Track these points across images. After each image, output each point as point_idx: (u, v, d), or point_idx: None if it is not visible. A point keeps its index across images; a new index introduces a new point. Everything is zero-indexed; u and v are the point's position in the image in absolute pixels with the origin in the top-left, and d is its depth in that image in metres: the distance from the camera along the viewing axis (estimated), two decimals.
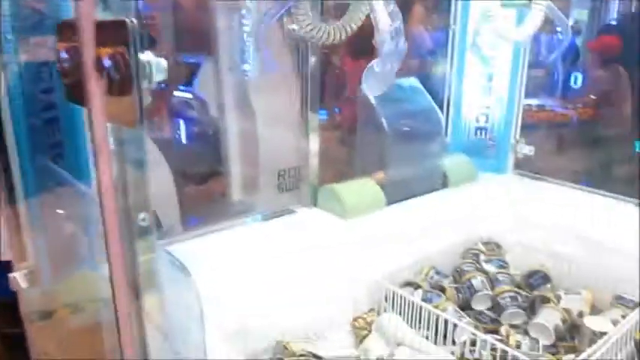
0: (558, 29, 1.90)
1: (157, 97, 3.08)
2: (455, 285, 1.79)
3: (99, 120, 0.56)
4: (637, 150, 3.30)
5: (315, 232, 1.71)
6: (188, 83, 3.28)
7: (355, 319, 1.66)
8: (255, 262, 1.51)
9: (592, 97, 4.40)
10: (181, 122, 3.47)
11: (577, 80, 4.86)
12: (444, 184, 2.13)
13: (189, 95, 3.32)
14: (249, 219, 1.83)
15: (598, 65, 4.25)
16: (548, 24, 1.80)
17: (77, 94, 0.61)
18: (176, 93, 3.31)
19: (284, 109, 2.12)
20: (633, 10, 4.92)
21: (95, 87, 0.57)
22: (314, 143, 1.90)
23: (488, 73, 2.21)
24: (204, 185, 3.27)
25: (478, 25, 1.76)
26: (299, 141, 1.97)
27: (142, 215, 0.61)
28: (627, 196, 2.01)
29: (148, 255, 0.65)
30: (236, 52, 2.99)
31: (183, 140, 3.48)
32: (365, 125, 2.05)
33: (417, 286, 1.73)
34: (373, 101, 1.94)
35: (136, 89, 0.57)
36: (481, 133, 2.29)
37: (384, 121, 1.93)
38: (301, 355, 1.45)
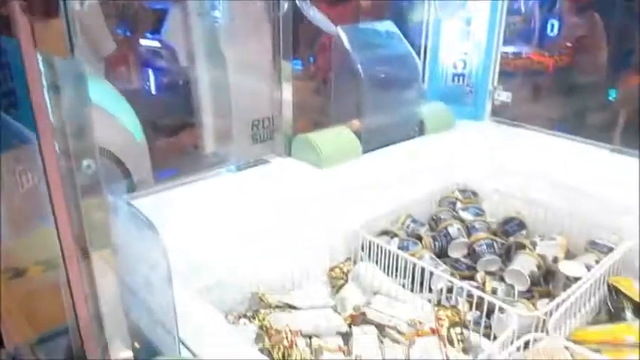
0: None
1: (122, 45, 2.94)
2: (431, 233, 1.78)
3: (26, 47, 0.49)
4: (610, 98, 3.31)
5: (290, 182, 1.68)
6: (155, 31, 3.15)
7: (331, 269, 1.64)
8: (228, 213, 1.47)
9: (568, 44, 4.38)
10: (150, 72, 3.35)
11: (554, 28, 4.82)
12: (421, 132, 2.10)
13: (156, 43, 3.19)
14: (223, 169, 1.78)
15: (574, 12, 4.19)
16: None
17: (2, 24, 0.54)
18: (143, 41, 3.18)
19: (256, 57, 2.04)
20: None
21: (18, 12, 0.50)
22: (287, 92, 1.84)
23: (467, 17, 2.14)
24: (176, 137, 3.19)
25: None
26: (272, 90, 1.90)
27: (86, 162, 0.54)
28: (602, 142, 2.02)
29: (98, 208, 0.59)
30: None
31: (153, 91, 3.37)
32: (340, 72, 1.98)
33: (394, 235, 1.71)
34: (349, 47, 1.87)
35: (63, 10, 0.49)
36: (459, 80, 2.24)
37: (359, 67, 1.87)
38: (277, 306, 1.43)
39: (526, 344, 1.17)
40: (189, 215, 1.44)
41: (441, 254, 1.73)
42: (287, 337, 1.20)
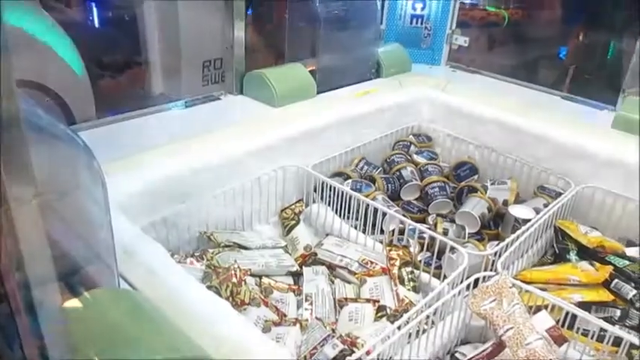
0: None
1: None
2: (384, 175, 1.76)
3: None
4: (561, 57, 3.33)
5: (241, 119, 1.61)
6: None
7: (283, 210, 1.61)
8: (175, 149, 1.40)
9: None
10: (92, 4, 3.14)
11: None
12: (378, 74, 2.05)
13: None
14: (170, 105, 1.69)
15: None
16: None
17: None
18: None
19: None
20: None
21: None
22: (239, 30, 1.74)
23: None
24: (122, 76, 3.03)
25: None
26: (224, 29, 1.80)
27: None
28: (552, 89, 2.04)
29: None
30: None
31: (96, 25, 3.16)
32: (297, 9, 1.89)
33: (347, 177, 1.69)
34: None
35: None
36: (417, 22, 2.19)
37: (316, 3, 1.78)
38: (226, 246, 1.39)
39: (475, 283, 1.18)
40: (133, 150, 1.36)
41: (394, 197, 1.72)
42: (235, 275, 1.16)
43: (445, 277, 1.33)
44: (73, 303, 0.75)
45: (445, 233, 1.49)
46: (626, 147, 1.61)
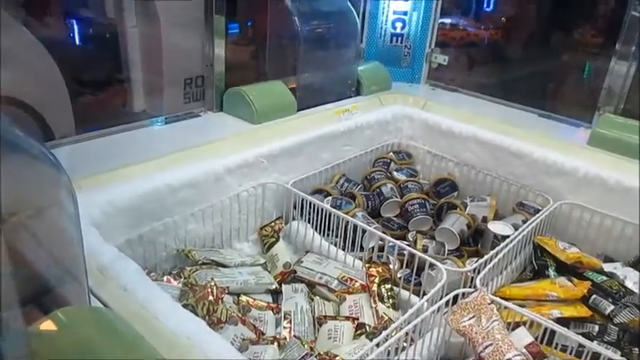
0: None
1: None
2: (365, 192, 1.76)
3: None
4: (585, 76, 3.35)
5: (221, 136, 1.59)
6: None
7: (262, 227, 1.60)
8: (154, 166, 1.38)
9: (503, 19, 4.50)
10: (73, 22, 3.13)
11: (490, 2, 4.93)
12: (358, 91, 2.06)
13: None
14: (150, 122, 1.67)
15: None
16: None
17: None
18: None
19: (190, 12, 1.92)
20: None
21: None
22: (219, 48, 1.74)
23: None
24: (103, 93, 3.01)
25: None
26: (205, 46, 1.80)
27: None
28: (531, 107, 2.07)
29: None
30: None
31: (77, 42, 3.15)
32: (277, 26, 1.90)
33: (327, 194, 1.68)
34: (286, 1, 1.78)
35: None
36: (397, 40, 2.22)
37: (296, 20, 1.79)
38: (204, 264, 1.37)
39: (454, 299, 1.18)
40: (111, 166, 1.34)
41: (374, 214, 1.72)
42: (212, 293, 1.14)
43: (425, 293, 1.33)
44: (42, 322, 0.73)
45: (425, 250, 1.49)
46: (603, 164, 1.63)
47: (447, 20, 4.38)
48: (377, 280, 1.32)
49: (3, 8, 2.23)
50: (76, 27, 3.10)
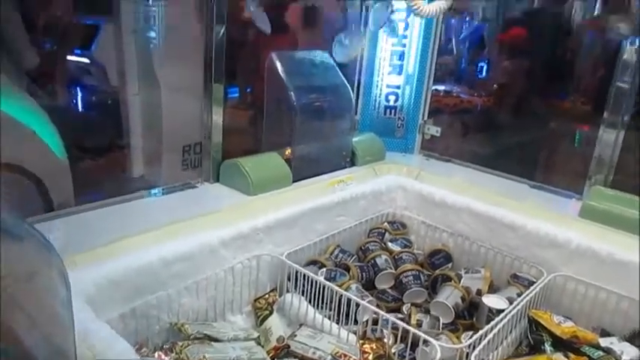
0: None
1: (48, 59, 2.81)
2: (359, 264, 1.76)
3: None
4: (576, 145, 3.42)
5: (216, 208, 1.61)
6: (86, 47, 3.03)
7: (256, 300, 1.59)
8: (148, 237, 1.39)
9: (495, 86, 4.63)
10: (77, 89, 3.21)
11: (483, 70, 5.09)
12: (353, 162, 2.10)
13: (86, 60, 3.07)
14: (147, 193, 1.70)
15: (506, 56, 4.41)
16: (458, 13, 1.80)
17: None
18: (71, 57, 3.06)
19: (190, 81, 1.99)
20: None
21: None
22: (217, 116, 1.79)
23: (400, 51, 2.19)
24: (103, 159, 3.05)
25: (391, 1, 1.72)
26: (204, 115, 1.85)
27: None
28: (522, 178, 2.10)
29: None
30: (140, 16, 2.78)
31: (79, 109, 3.23)
32: (273, 99, 1.96)
33: (322, 265, 1.68)
34: (282, 74, 1.85)
35: None
36: (391, 113, 2.28)
37: (292, 94, 1.85)
38: (196, 338, 1.35)
39: None
40: (108, 239, 1.35)
41: (369, 285, 1.71)
42: None
43: None
44: None
45: (419, 324, 1.48)
46: (594, 236, 1.65)
47: (441, 87, 4.52)
48: (371, 357, 1.31)
49: (8, 76, 2.31)
50: (80, 94, 3.19)
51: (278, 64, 1.84)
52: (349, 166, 2.09)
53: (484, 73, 5.04)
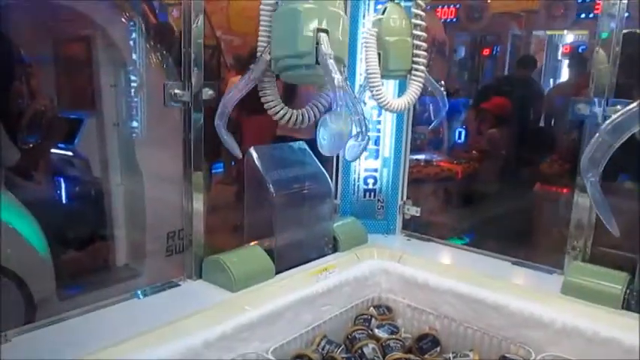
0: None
1: (30, 154, 2.84)
2: (346, 355, 1.74)
3: None
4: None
5: (199, 306, 1.61)
6: (69, 140, 3.08)
7: None
8: (128, 346, 1.37)
9: (474, 152, 4.74)
10: (60, 181, 3.24)
11: (461, 135, 5.24)
12: (335, 248, 2.12)
13: (69, 153, 3.12)
14: (129, 295, 1.69)
15: (489, 124, 4.53)
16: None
17: None
18: (54, 150, 3.10)
19: (172, 169, 2.02)
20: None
21: None
22: (198, 204, 1.81)
23: (376, 137, 2.26)
24: (85, 251, 3.04)
25: (360, 95, 1.79)
26: (186, 202, 1.87)
27: None
28: (503, 255, 2.13)
29: None
30: (122, 108, 2.86)
31: (62, 201, 3.24)
32: (253, 191, 1.99)
33: (308, 359, 1.66)
34: (260, 167, 1.90)
35: None
36: (370, 195, 2.32)
37: (271, 187, 1.89)
38: None
39: None
40: (88, 350, 1.33)
41: None
42: None
43: None
44: None
45: None
46: (579, 313, 1.65)
47: (421, 156, 4.61)
48: None
49: None
50: (63, 185, 3.21)
51: (255, 159, 1.89)
52: (332, 252, 2.10)
53: (462, 139, 5.18)
